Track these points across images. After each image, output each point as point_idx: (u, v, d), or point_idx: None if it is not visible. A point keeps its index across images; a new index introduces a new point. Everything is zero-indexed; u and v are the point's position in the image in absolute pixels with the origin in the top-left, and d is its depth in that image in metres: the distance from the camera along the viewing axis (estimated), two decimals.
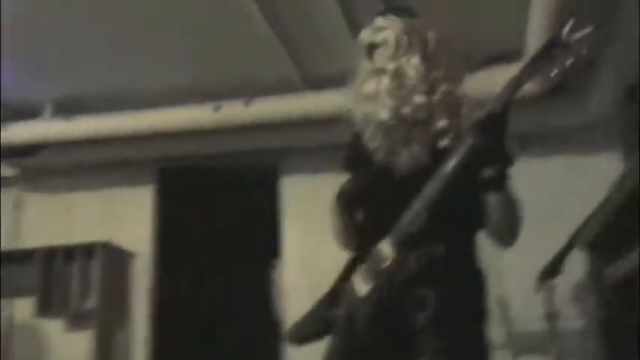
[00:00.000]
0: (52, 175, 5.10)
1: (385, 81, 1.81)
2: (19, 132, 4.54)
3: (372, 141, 1.83)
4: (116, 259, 4.85)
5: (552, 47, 1.55)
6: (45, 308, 4.64)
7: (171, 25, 3.71)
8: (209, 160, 4.88)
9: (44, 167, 5.00)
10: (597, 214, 3.01)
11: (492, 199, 1.68)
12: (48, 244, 4.80)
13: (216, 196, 5.62)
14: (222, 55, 3.95)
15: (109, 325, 4.73)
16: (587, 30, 1.51)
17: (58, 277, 4.70)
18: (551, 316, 3.28)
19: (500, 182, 1.67)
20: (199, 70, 4.15)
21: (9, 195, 5.18)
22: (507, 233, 1.75)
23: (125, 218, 5.02)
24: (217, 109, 4.26)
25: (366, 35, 1.91)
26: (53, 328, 4.78)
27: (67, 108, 4.49)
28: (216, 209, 5.72)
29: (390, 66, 1.82)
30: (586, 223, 3.08)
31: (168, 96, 4.34)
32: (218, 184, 5.45)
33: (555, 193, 4.14)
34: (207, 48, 3.91)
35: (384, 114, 1.78)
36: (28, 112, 4.53)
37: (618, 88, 3.80)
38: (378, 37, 1.87)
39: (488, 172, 1.64)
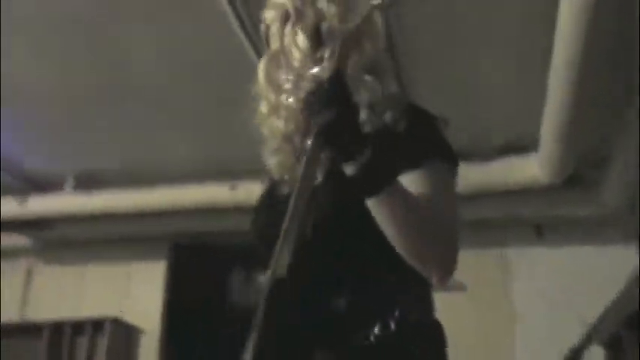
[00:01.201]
0: (64, 247, 5.12)
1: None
2: (39, 205, 4.60)
3: (269, 158, 1.49)
4: (125, 334, 4.81)
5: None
6: None
7: (190, 104, 3.81)
8: (223, 237, 4.89)
9: (57, 239, 5.04)
10: (615, 310, 2.97)
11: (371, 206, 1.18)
12: (57, 316, 4.78)
13: (229, 274, 5.59)
14: (240, 134, 4.02)
15: None
16: None
17: (65, 350, 4.66)
18: None
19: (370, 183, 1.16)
20: (217, 149, 4.23)
21: (20, 266, 5.21)
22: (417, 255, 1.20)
23: (136, 294, 5.00)
24: (234, 187, 4.31)
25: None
26: None
27: (87, 182, 4.57)
28: (229, 287, 5.68)
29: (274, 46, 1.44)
30: (603, 319, 3.04)
31: (185, 173, 4.41)
32: (231, 262, 5.44)
33: (569, 282, 4.10)
34: (225, 126, 3.99)
35: (279, 123, 1.41)
36: (48, 185, 4.60)
37: (632, 182, 3.82)
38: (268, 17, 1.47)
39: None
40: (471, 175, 3.82)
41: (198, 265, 5.31)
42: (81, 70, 3.49)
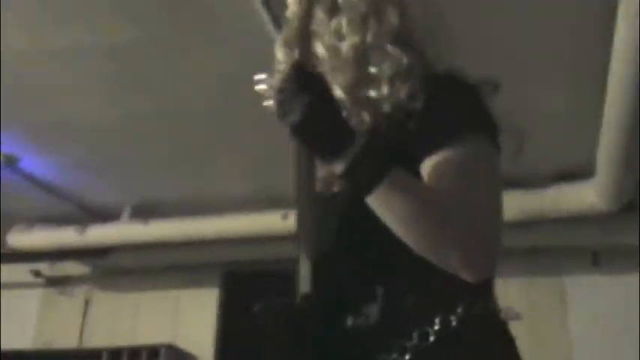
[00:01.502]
0: (121, 274, 5.24)
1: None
2: (97, 234, 4.73)
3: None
4: None
5: None
6: None
7: (242, 134, 3.87)
8: (275, 265, 4.92)
9: (114, 267, 5.15)
10: None
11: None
12: (114, 343, 4.88)
13: None
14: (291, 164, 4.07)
15: None
16: None
17: None
18: None
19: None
20: (270, 178, 4.28)
21: (79, 293, 5.34)
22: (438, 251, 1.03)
23: (189, 320, 5.07)
24: (285, 216, 4.35)
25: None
26: None
27: (144, 211, 4.68)
28: None
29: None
30: None
31: (238, 202, 4.47)
32: (283, 290, 5.46)
33: (627, 310, 4.00)
34: (277, 156, 4.04)
35: None
36: (107, 215, 4.73)
37: None
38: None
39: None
40: (525, 202, 3.78)
41: (250, 292, 5.34)
42: (139, 102, 3.59)
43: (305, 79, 1.03)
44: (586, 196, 3.72)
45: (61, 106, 3.57)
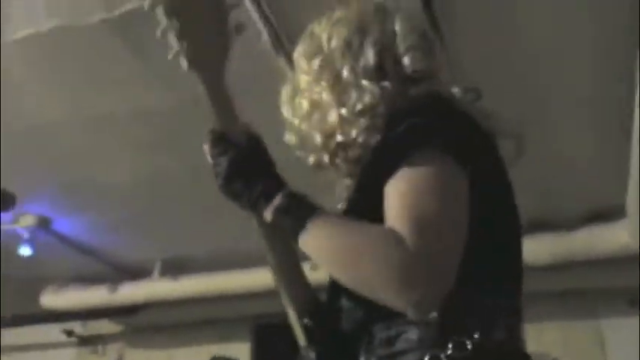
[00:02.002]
0: (152, 331, 5.25)
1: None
2: (128, 291, 4.76)
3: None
4: None
5: None
6: None
7: None
8: None
9: (146, 324, 5.17)
10: None
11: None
12: None
13: None
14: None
15: None
16: None
17: None
18: None
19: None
20: None
21: (112, 350, 5.36)
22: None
23: None
24: (314, 268, 4.35)
25: None
26: None
27: (174, 267, 4.71)
28: None
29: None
30: None
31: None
32: None
33: None
34: None
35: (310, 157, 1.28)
36: (138, 272, 4.77)
37: None
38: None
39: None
40: (556, 245, 3.74)
41: (281, 343, 5.32)
42: (169, 162, 3.64)
43: (222, 143, 1.11)
44: (619, 236, 3.67)
45: (93, 168, 3.65)
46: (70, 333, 5.42)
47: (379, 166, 1.06)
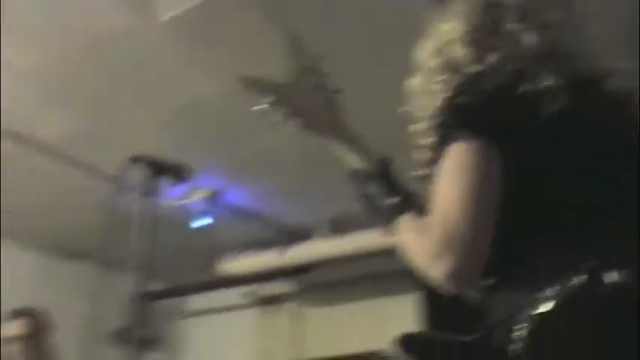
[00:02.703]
0: (324, 289, 5.47)
1: None
2: (298, 253, 5.00)
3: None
4: None
5: None
6: None
7: None
8: None
9: (318, 282, 5.39)
10: None
11: None
12: (325, 354, 5.10)
13: None
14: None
15: None
16: None
17: None
18: None
19: None
20: None
21: (288, 310, 5.66)
22: None
23: (393, 327, 5.15)
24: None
25: None
26: None
27: (338, 227, 4.87)
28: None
29: None
30: None
31: None
32: None
33: None
34: None
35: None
36: (305, 234, 4.99)
37: None
38: None
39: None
40: None
41: (446, 295, 5.35)
42: None
43: (359, 179, 1.36)
44: None
45: (261, 138, 3.80)
46: (248, 296, 5.77)
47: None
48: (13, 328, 3.76)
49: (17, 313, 3.84)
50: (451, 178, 1.12)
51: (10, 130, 3.63)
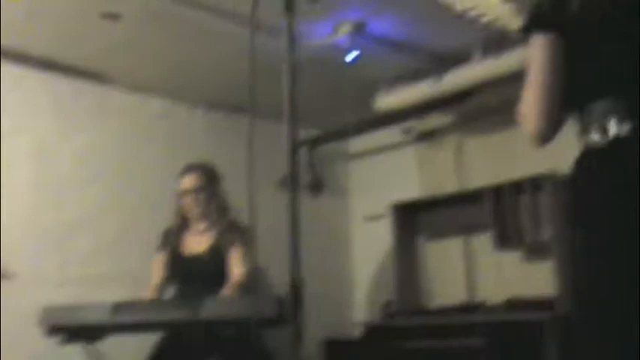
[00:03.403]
0: (485, 114, 5.25)
1: None
2: (454, 80, 4.76)
3: None
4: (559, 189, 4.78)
5: None
6: (502, 241, 4.89)
7: None
8: None
9: (477, 109, 5.18)
10: None
11: None
12: (493, 181, 4.99)
13: None
14: None
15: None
16: None
17: (509, 212, 4.88)
18: None
19: None
20: None
21: (450, 141, 5.54)
22: None
23: (567, 146, 4.89)
24: None
25: None
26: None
27: (494, 46, 4.55)
28: None
29: None
30: None
31: None
32: None
33: None
34: None
35: None
36: (458, 58, 4.72)
37: None
38: None
39: None
40: None
41: None
42: None
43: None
44: None
45: None
46: (407, 131, 5.70)
47: None
48: (188, 181, 3.99)
49: (189, 168, 4.05)
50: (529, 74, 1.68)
51: None
